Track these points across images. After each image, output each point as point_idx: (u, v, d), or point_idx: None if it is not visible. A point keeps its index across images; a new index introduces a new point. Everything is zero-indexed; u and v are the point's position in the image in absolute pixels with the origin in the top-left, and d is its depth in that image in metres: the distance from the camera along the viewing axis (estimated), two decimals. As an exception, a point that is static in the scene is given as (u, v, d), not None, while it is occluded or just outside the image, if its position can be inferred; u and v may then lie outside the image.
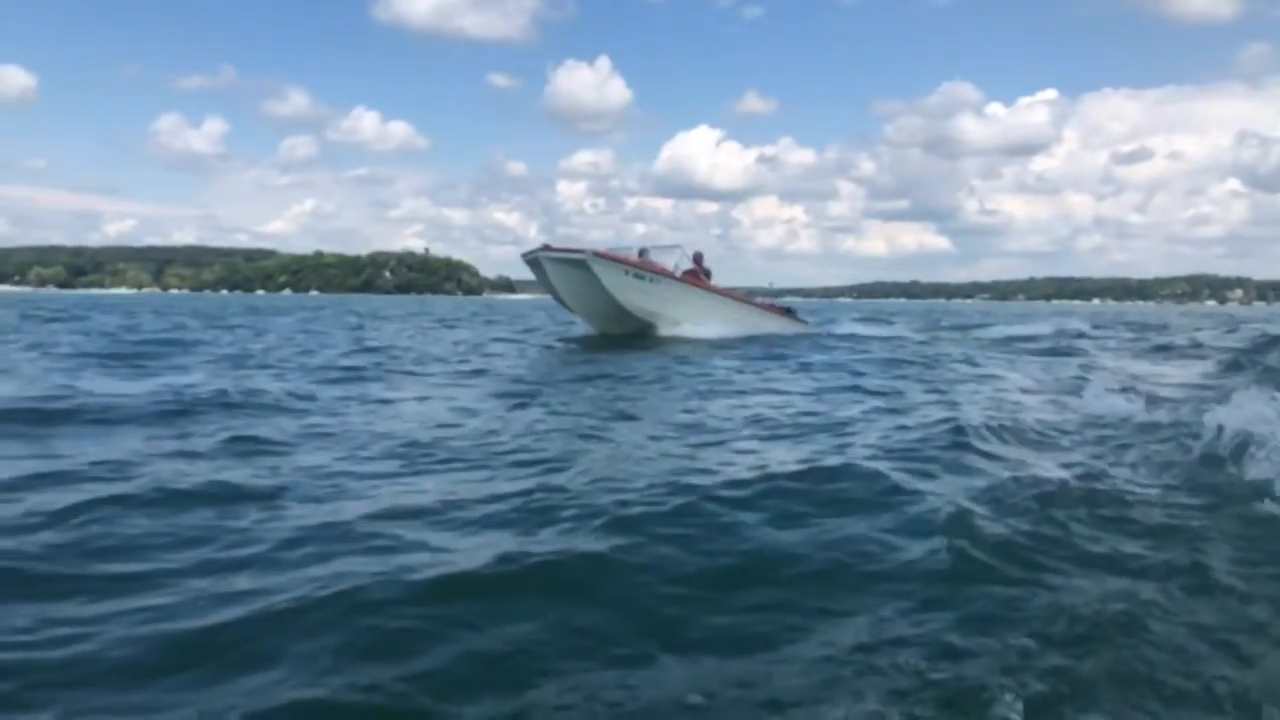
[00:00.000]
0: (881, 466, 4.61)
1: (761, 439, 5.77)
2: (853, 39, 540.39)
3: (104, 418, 6.26)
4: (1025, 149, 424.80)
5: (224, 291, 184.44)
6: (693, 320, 17.32)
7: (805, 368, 10.99)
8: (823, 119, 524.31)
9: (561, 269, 16.69)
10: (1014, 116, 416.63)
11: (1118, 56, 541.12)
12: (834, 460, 4.81)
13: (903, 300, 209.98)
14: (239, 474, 4.49)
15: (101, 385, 8.01)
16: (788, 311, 20.37)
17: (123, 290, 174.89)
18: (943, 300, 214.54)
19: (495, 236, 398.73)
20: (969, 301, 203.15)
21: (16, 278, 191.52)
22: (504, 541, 3.33)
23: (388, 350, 13.94)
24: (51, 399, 6.93)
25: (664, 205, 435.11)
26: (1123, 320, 36.86)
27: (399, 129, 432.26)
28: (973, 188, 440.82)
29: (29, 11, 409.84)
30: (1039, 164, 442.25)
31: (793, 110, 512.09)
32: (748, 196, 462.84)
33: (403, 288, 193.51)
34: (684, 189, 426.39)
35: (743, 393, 8.34)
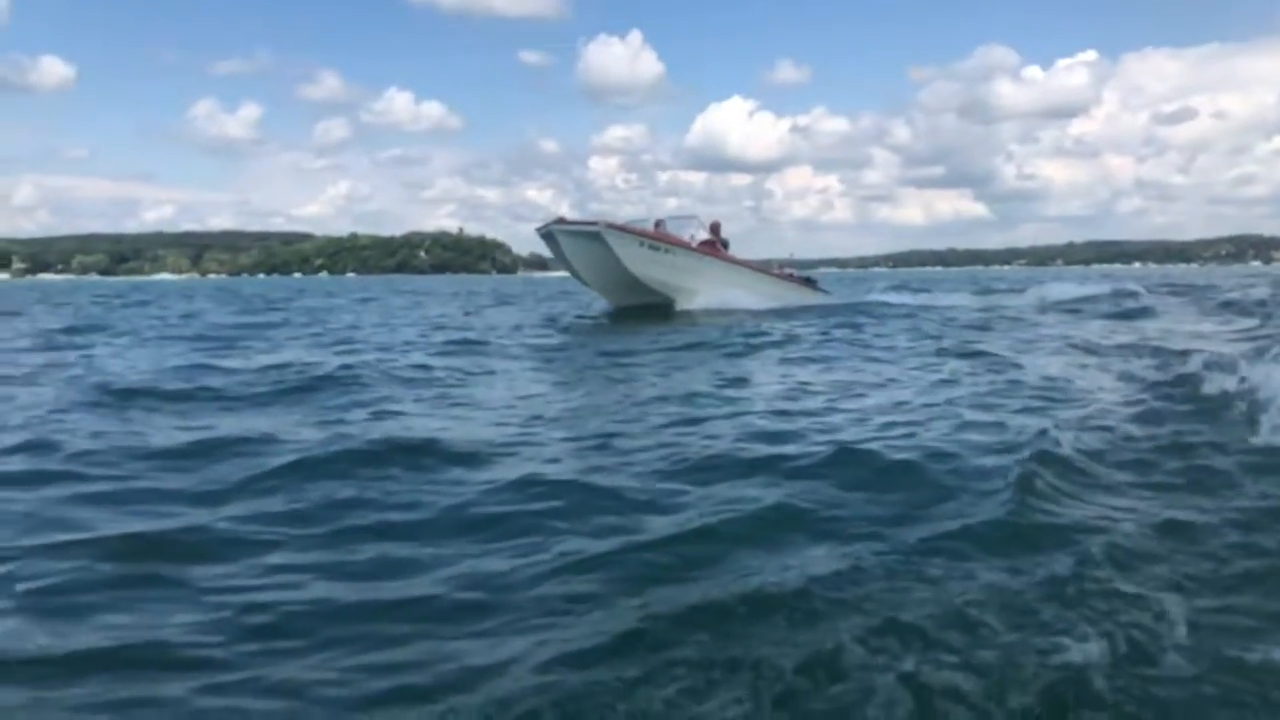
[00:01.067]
0: (1006, 418, 4.81)
1: (875, 396, 5.97)
2: (887, 4, 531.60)
3: (236, 394, 6.58)
4: (1064, 112, 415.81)
5: (261, 275, 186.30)
6: (712, 291, 17.03)
7: (881, 335, 11.15)
8: (857, 86, 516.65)
9: (575, 242, 16.53)
10: (1052, 79, 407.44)
11: (1159, 15, 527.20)
12: (959, 412, 5.02)
13: (939, 269, 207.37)
14: (400, 438, 4.74)
15: (217, 365, 8.36)
16: (808, 281, 20.08)
17: (165, 276, 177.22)
18: (980, 267, 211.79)
19: (528, 214, 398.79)
20: (1007, 268, 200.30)
21: (60, 266, 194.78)
22: (695, 493, 3.57)
23: (464, 326, 14.29)
24: (178, 379, 7.28)
25: (697, 178, 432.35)
26: (1168, 282, 36.26)
27: (432, 109, 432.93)
28: (1010, 153, 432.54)
29: (65, 1, 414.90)
30: (1078, 127, 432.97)
31: (826, 78, 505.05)
32: (781, 167, 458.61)
33: (438, 268, 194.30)
34: (717, 161, 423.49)
35: (831, 358, 8.53)
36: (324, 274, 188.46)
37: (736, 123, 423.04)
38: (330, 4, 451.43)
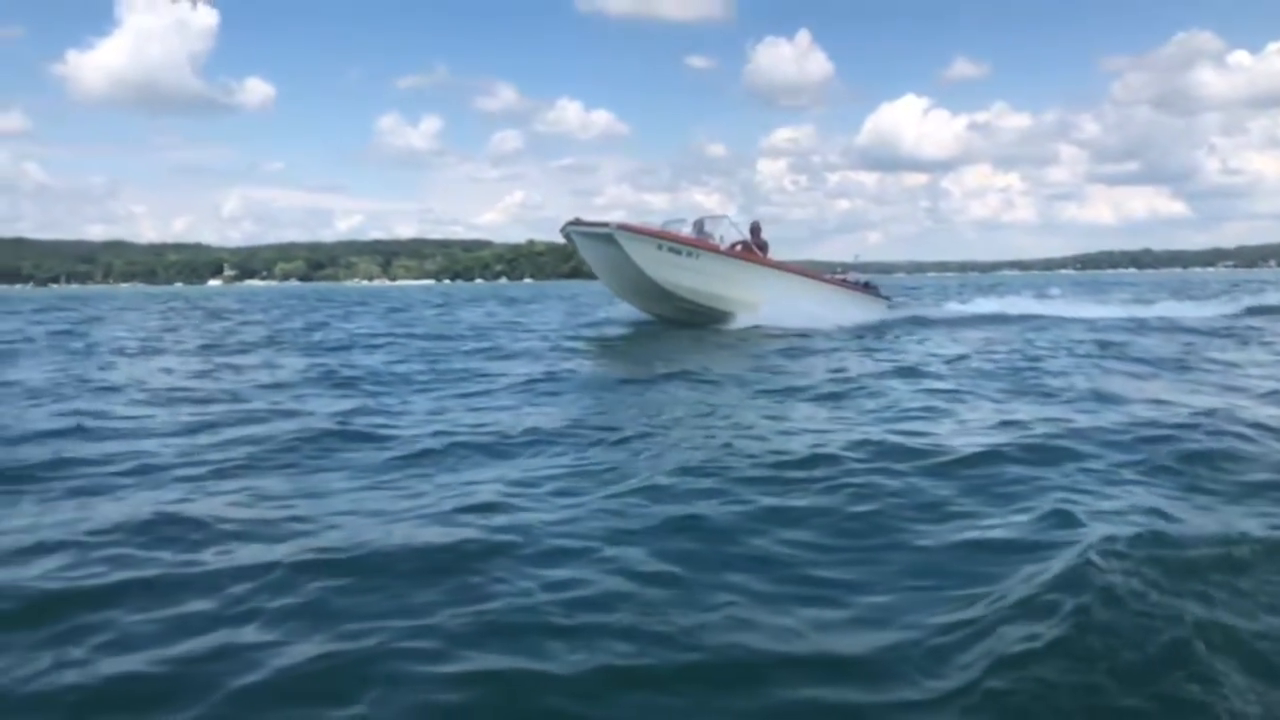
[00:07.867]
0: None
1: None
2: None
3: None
4: (1277, 100, 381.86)
5: (445, 281, 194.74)
6: (759, 301, 15.06)
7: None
8: (1040, 80, 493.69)
9: (590, 244, 15.02)
10: (1262, 64, 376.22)
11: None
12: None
13: (1132, 270, 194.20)
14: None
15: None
16: (867, 286, 17.67)
17: (358, 282, 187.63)
18: (1180, 269, 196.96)
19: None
20: (1210, 270, 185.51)
21: (264, 273, 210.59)
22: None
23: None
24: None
25: (868, 178, 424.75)
26: None
27: (601, 117, 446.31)
28: (1213, 145, 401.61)
29: (265, 26, 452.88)
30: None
31: (1006, 73, 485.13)
32: (958, 165, 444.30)
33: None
34: (889, 161, 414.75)
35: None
36: (503, 280, 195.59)
37: (909, 121, 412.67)
38: (503, 17, 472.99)
